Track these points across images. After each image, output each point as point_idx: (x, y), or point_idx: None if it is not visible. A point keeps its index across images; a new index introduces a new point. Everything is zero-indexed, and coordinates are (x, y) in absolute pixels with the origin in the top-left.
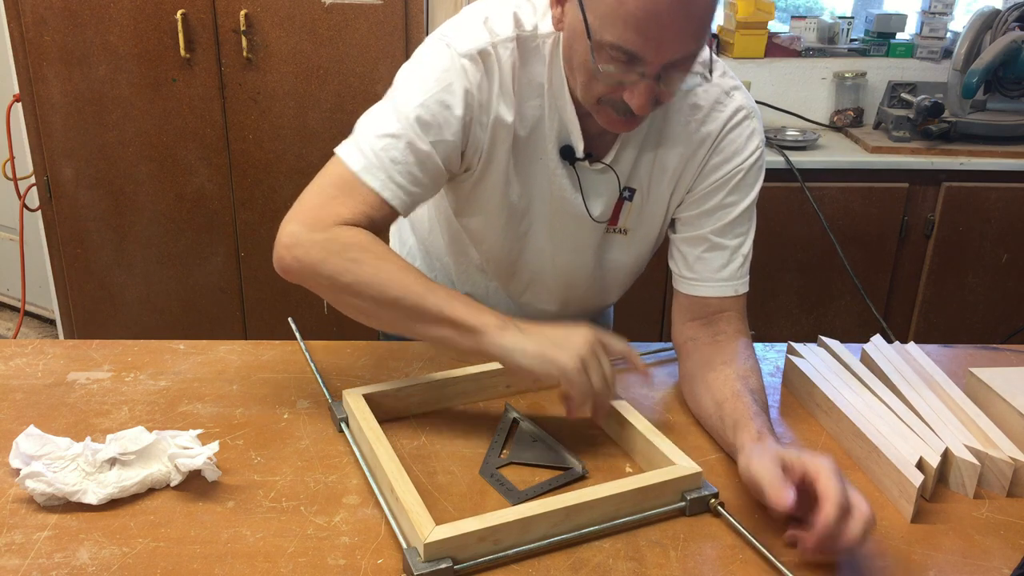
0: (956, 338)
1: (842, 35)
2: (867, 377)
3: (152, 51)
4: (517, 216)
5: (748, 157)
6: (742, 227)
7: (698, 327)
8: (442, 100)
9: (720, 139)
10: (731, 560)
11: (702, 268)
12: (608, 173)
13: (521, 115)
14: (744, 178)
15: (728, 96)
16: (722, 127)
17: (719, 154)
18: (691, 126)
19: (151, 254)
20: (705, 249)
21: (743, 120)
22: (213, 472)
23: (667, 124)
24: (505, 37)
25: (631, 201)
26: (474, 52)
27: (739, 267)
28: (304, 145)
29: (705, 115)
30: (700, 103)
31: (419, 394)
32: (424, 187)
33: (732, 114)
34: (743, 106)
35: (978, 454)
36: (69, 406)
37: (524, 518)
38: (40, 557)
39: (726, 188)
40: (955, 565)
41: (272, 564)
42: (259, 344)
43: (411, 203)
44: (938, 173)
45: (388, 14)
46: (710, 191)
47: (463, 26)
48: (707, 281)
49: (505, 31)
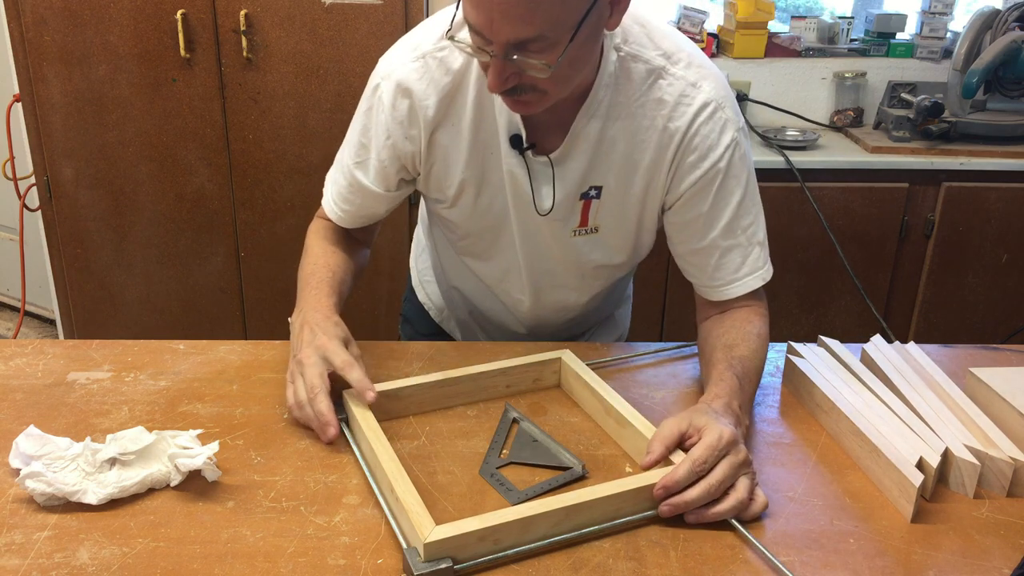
0: (956, 338)
1: (842, 35)
2: (867, 377)
3: (152, 51)
4: (482, 207)
5: (725, 152)
6: (746, 219)
7: (714, 306)
8: (364, 125)
9: (690, 136)
10: (731, 560)
11: (722, 274)
12: (553, 168)
13: (461, 112)
14: (727, 174)
15: (695, 88)
16: (690, 123)
17: (693, 152)
18: (657, 122)
19: (151, 254)
20: (719, 255)
21: (713, 113)
22: (213, 472)
23: (632, 120)
24: (431, 48)
25: (599, 199)
26: (390, 70)
27: (758, 256)
28: (304, 145)
29: (671, 110)
30: (665, 98)
31: (419, 394)
32: (357, 205)
33: (700, 108)
34: (711, 98)
35: (978, 454)
36: (69, 406)
37: (524, 518)
38: (40, 557)
39: (712, 188)
40: (955, 565)
41: (272, 564)
42: (259, 344)
43: (345, 217)
44: (938, 173)
45: (388, 14)
46: (695, 194)
47: (391, 50)
48: (731, 284)
49: (430, 43)
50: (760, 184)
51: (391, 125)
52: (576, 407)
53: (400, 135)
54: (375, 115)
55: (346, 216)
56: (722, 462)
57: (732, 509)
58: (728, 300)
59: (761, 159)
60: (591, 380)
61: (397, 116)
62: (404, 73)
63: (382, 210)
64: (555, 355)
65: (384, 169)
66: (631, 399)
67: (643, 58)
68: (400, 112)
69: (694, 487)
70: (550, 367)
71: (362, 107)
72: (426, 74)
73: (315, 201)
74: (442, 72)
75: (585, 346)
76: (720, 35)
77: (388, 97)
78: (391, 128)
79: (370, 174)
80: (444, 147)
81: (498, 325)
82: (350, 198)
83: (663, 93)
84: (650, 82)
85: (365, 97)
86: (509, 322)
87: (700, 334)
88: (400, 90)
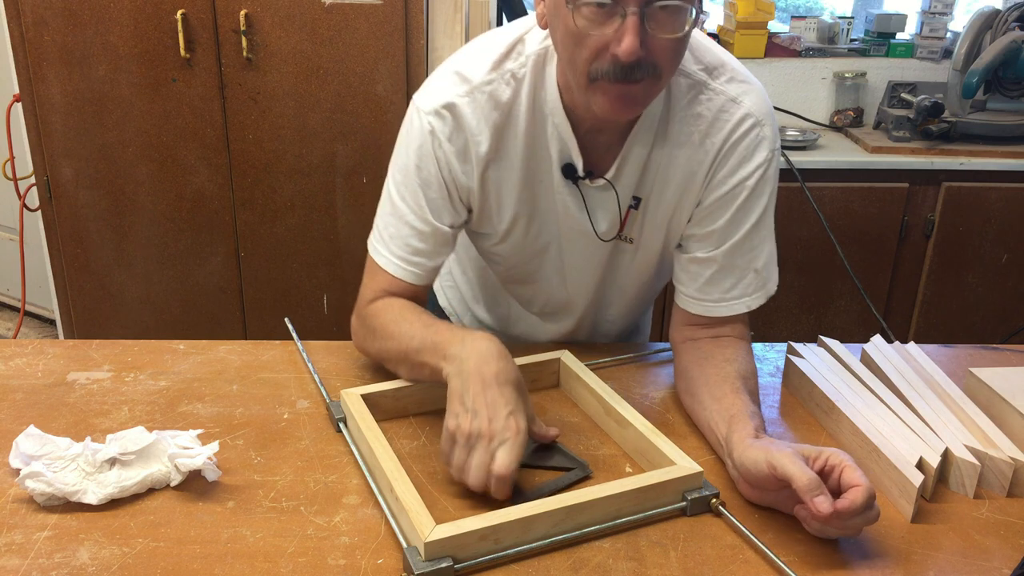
0: (956, 338)
1: (842, 35)
2: (867, 377)
3: (152, 51)
4: (529, 239)
5: (756, 169)
6: (753, 241)
7: (698, 329)
8: (417, 164)
9: (725, 150)
10: (732, 560)
11: (712, 290)
12: (610, 190)
13: (511, 146)
14: (752, 193)
15: (734, 103)
16: (727, 138)
17: (724, 166)
18: (695, 137)
19: (151, 254)
20: (716, 271)
21: (751, 129)
22: (213, 472)
23: (670, 135)
24: (479, 82)
25: (637, 210)
26: (439, 107)
27: (751, 282)
28: (304, 145)
29: (709, 125)
30: (703, 113)
31: (418, 394)
32: (428, 253)
33: (738, 123)
34: (750, 113)
35: (978, 454)
36: (69, 406)
37: (525, 517)
38: (40, 557)
39: (733, 204)
40: (955, 565)
41: (272, 564)
42: (259, 344)
43: (418, 271)
44: (938, 173)
45: (388, 14)
46: (717, 207)
47: (432, 82)
48: (718, 303)
49: (479, 76)
50: None
51: (450, 159)
52: (576, 407)
53: (459, 169)
54: (430, 150)
55: (421, 271)
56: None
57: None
58: (713, 320)
59: None
60: (590, 380)
61: (455, 149)
62: (457, 107)
63: (449, 252)
64: (554, 355)
65: (452, 204)
66: (631, 399)
67: (685, 72)
68: (457, 146)
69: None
70: (549, 367)
71: (411, 146)
72: (477, 109)
73: (315, 201)
74: (491, 106)
75: (585, 346)
76: (720, 35)
77: (443, 131)
78: (450, 162)
79: (439, 213)
80: (496, 182)
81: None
82: (421, 247)
83: (703, 108)
84: (691, 96)
85: (412, 135)
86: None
87: (691, 352)
88: (455, 124)
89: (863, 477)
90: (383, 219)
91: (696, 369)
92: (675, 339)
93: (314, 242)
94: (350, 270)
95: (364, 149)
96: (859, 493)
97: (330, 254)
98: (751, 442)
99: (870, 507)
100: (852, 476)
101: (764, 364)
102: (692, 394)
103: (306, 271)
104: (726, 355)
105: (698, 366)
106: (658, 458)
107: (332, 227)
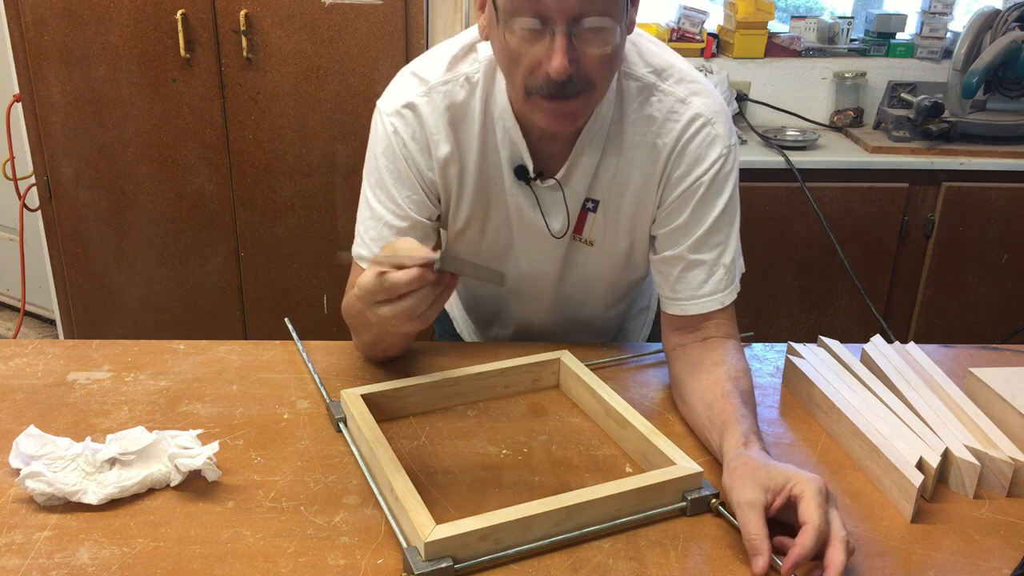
0: (956, 338)
1: (842, 35)
2: (867, 377)
3: (152, 51)
4: (489, 239)
5: (710, 167)
6: (718, 237)
7: (684, 335)
8: (387, 166)
9: (678, 151)
10: (731, 560)
11: (683, 288)
12: (559, 190)
13: (467, 148)
14: (709, 189)
15: (683, 104)
16: (678, 138)
17: (679, 166)
18: (647, 138)
19: (151, 254)
20: (683, 268)
21: (701, 128)
22: (213, 472)
23: (623, 137)
24: (436, 82)
25: (595, 212)
26: (399, 107)
27: (721, 278)
28: (304, 145)
29: (660, 126)
30: (654, 114)
31: (418, 394)
32: None
33: (688, 123)
34: (700, 113)
35: (978, 454)
36: (69, 406)
37: (525, 517)
38: (40, 557)
39: (691, 202)
40: (955, 565)
41: (272, 564)
42: (259, 344)
43: None
44: (938, 173)
45: (388, 14)
46: (676, 206)
47: (392, 86)
48: (690, 300)
49: (435, 76)
50: (760, 184)
51: (415, 157)
52: (575, 407)
53: (424, 166)
54: (396, 151)
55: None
56: (828, 510)
57: (847, 553)
58: (697, 323)
59: (761, 159)
60: (590, 380)
61: (419, 147)
62: (416, 106)
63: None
64: (554, 355)
65: (427, 198)
66: (631, 399)
67: (634, 75)
68: (420, 144)
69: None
70: (549, 367)
71: (377, 149)
72: (434, 108)
73: (315, 201)
74: (446, 106)
75: (584, 346)
76: (720, 35)
77: (405, 131)
78: (415, 160)
79: (417, 207)
80: (454, 182)
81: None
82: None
83: (653, 110)
84: (641, 99)
85: (378, 139)
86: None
87: (682, 358)
88: (417, 122)
89: (815, 512)
90: (363, 224)
91: (687, 376)
92: (666, 347)
93: (314, 242)
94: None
95: (364, 149)
96: (806, 536)
97: (330, 254)
98: (731, 461)
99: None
100: (804, 511)
101: (764, 364)
102: (685, 402)
103: (306, 271)
104: (715, 358)
105: (689, 373)
106: (658, 458)
107: (332, 227)
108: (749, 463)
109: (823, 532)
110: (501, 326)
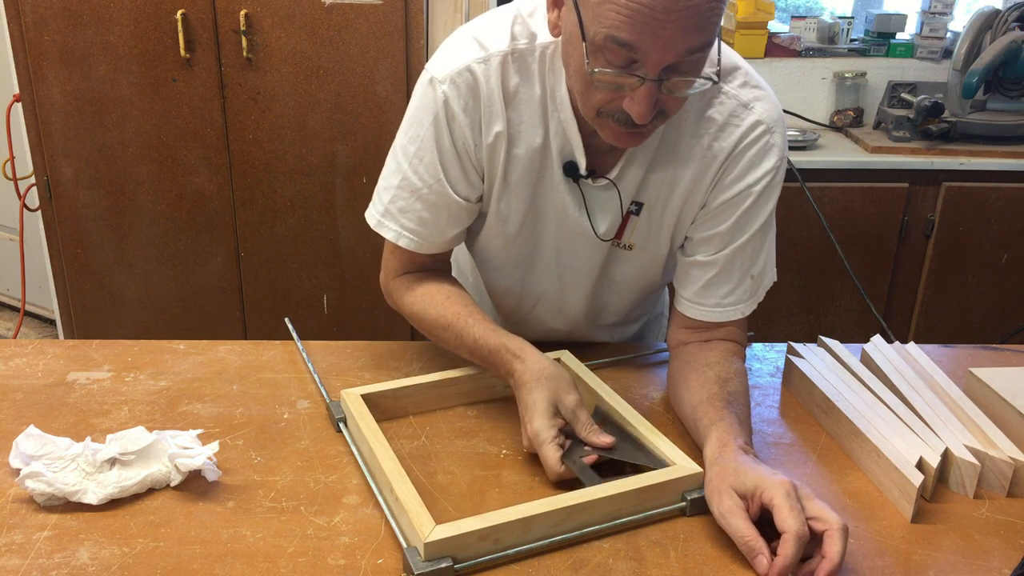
0: (956, 338)
1: (842, 35)
2: (867, 377)
3: (152, 51)
4: (524, 235)
5: (764, 176)
6: (754, 247)
7: (691, 333)
8: (432, 135)
9: (734, 156)
10: (731, 560)
11: (709, 295)
12: (612, 190)
13: (518, 131)
14: (758, 199)
15: (746, 109)
16: (736, 143)
17: (732, 171)
18: (704, 140)
19: (151, 254)
20: (715, 275)
21: (761, 136)
22: (213, 472)
23: (679, 139)
24: (496, 51)
25: (638, 216)
26: (454, 74)
27: (747, 288)
28: (304, 145)
29: (719, 130)
30: (714, 116)
31: (418, 394)
32: (438, 227)
33: (749, 129)
34: (761, 120)
35: (978, 454)
36: (69, 406)
37: (524, 517)
38: (40, 557)
39: (738, 210)
40: (955, 565)
41: (272, 564)
42: (259, 344)
43: (430, 243)
44: (938, 173)
45: (388, 14)
46: (721, 211)
47: (448, 48)
48: (714, 308)
49: (497, 45)
50: None
51: (467, 131)
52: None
53: (473, 142)
54: (444, 123)
55: (439, 241)
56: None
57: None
58: (709, 324)
59: None
60: (591, 380)
61: (470, 121)
62: (476, 73)
63: (462, 229)
64: (554, 355)
65: (467, 177)
66: (631, 399)
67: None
68: (473, 118)
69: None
70: None
71: (424, 118)
72: (494, 81)
73: (315, 201)
74: (505, 78)
75: (585, 346)
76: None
77: (458, 101)
78: (467, 134)
79: (456, 184)
80: (497, 164)
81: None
82: (433, 219)
83: (714, 111)
84: (703, 100)
85: (425, 107)
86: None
87: (680, 357)
88: (471, 93)
89: (790, 518)
90: (389, 192)
91: (679, 375)
92: (671, 342)
93: (314, 242)
94: (350, 270)
95: (364, 149)
96: (787, 546)
97: (330, 254)
98: (708, 472)
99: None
100: (779, 521)
101: (764, 364)
102: (677, 401)
103: (306, 271)
104: (708, 359)
105: (681, 372)
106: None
107: (332, 227)
108: (723, 471)
109: (803, 536)
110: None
